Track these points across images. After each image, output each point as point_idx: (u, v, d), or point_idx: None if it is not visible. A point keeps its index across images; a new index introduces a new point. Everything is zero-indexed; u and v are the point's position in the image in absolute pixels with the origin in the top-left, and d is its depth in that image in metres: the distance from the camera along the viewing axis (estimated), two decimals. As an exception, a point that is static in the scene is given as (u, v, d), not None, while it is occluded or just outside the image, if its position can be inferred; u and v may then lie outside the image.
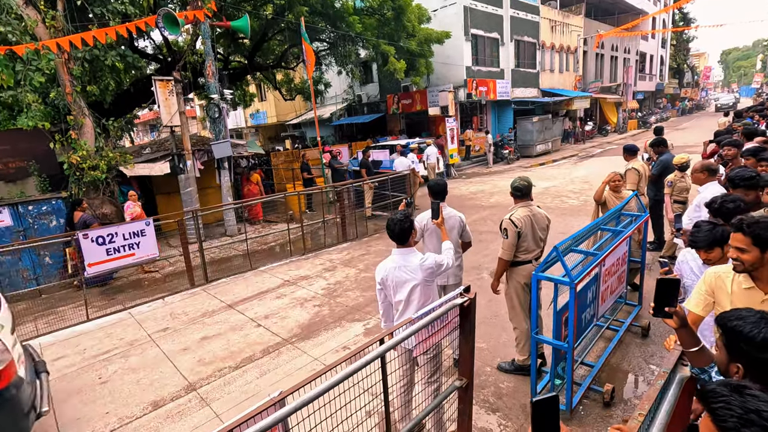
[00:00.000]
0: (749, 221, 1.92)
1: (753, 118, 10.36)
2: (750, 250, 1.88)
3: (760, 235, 1.85)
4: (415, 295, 2.78)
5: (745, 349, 1.26)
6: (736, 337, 1.29)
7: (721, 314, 1.38)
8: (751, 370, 1.26)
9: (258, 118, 28.64)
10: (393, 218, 2.80)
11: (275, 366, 4.18)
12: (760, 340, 1.23)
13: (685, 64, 45.56)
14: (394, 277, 2.80)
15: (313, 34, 13.41)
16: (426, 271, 2.77)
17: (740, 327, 1.28)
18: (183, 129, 9.23)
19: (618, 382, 3.51)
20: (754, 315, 1.31)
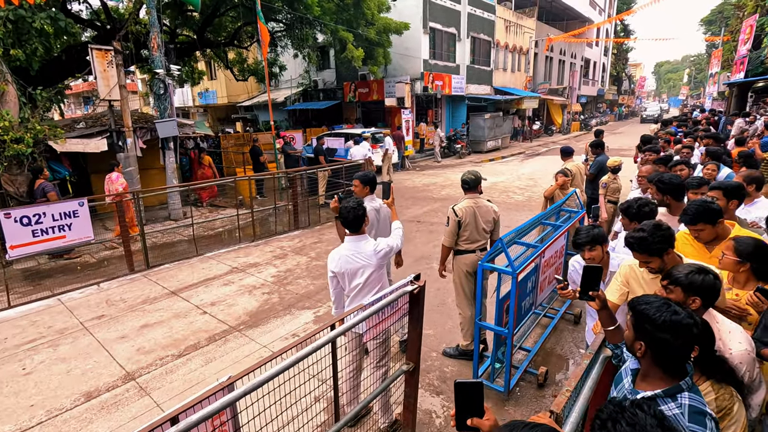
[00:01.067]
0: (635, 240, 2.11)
1: (678, 128, 11.39)
2: (652, 260, 2.11)
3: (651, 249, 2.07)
4: (370, 281, 2.84)
5: (648, 329, 1.41)
6: (642, 319, 1.44)
7: (633, 299, 1.54)
8: (651, 348, 1.42)
9: (207, 98, 27.24)
10: (346, 205, 2.82)
11: (222, 354, 4.09)
12: (661, 321, 1.38)
13: (623, 72, 48.95)
14: (348, 264, 2.83)
15: (269, 14, 12.92)
16: (379, 255, 2.83)
17: (646, 310, 1.43)
18: (123, 104, 8.59)
19: (551, 365, 3.80)
20: (658, 301, 1.46)
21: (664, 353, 1.40)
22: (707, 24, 42.07)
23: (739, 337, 1.76)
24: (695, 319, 1.40)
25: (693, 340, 1.38)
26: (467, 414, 1.30)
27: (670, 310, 1.40)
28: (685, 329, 1.36)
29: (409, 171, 16.07)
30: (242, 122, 23.96)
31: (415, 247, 6.94)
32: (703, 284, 1.75)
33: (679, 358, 1.41)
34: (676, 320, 1.37)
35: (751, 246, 2.12)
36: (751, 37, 17.58)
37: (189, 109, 29.04)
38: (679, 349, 1.38)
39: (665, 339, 1.38)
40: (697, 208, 2.46)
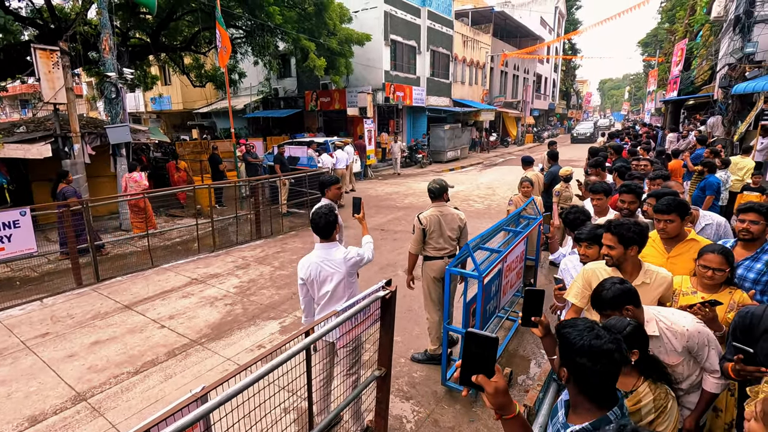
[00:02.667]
0: (616, 223, 2.31)
1: (621, 139, 12.24)
2: (616, 247, 2.28)
3: (623, 234, 2.25)
4: (339, 289, 2.83)
5: (569, 354, 1.31)
6: (563, 343, 1.34)
7: (560, 322, 1.44)
8: (573, 374, 1.32)
9: (161, 104, 26.14)
10: (318, 211, 2.82)
11: (182, 368, 3.92)
12: (579, 346, 1.28)
13: (571, 88, 52.00)
14: (318, 271, 2.82)
15: (229, 20, 12.68)
16: (349, 263, 2.84)
17: (568, 334, 1.33)
18: (70, 108, 8.10)
19: (515, 366, 3.93)
20: (584, 324, 1.35)
21: (585, 380, 1.29)
22: (644, 46, 45.66)
23: (685, 316, 1.94)
24: (618, 345, 1.29)
25: (614, 366, 1.27)
26: (474, 370, 1.18)
27: (592, 334, 1.30)
28: (604, 355, 1.25)
29: (372, 180, 16.16)
30: (199, 129, 23.17)
31: (381, 255, 6.98)
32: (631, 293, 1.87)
33: (602, 386, 1.29)
34: (595, 345, 1.26)
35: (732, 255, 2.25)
36: (682, 59, 19.26)
37: (141, 115, 27.69)
38: (599, 376, 1.26)
39: (584, 365, 1.27)
40: (671, 199, 2.60)
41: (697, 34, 19.15)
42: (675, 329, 1.91)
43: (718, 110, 12.72)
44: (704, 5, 17.39)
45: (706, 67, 16.39)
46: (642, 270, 2.31)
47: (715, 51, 15.02)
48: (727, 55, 11.78)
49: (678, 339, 1.90)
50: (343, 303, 2.55)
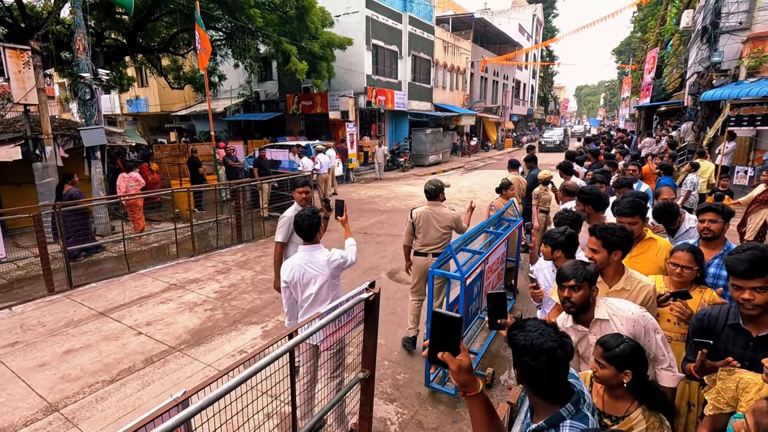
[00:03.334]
0: (601, 227, 2.32)
1: (597, 144, 12.58)
2: (600, 251, 2.28)
3: (608, 239, 2.26)
4: (323, 292, 2.82)
5: (516, 355, 1.33)
6: (512, 344, 1.36)
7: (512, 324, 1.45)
8: (521, 373, 1.33)
9: (137, 106, 25.54)
10: (301, 214, 2.81)
11: (161, 376, 3.82)
12: (521, 345, 1.30)
13: (549, 94, 53.21)
14: (302, 273, 2.80)
15: (208, 22, 12.52)
16: (333, 265, 2.83)
17: (515, 335, 1.34)
18: (42, 109, 7.84)
19: (497, 366, 3.98)
20: (532, 324, 1.35)
21: (531, 378, 1.31)
22: (618, 54, 47.19)
23: (630, 304, 2.01)
24: (561, 343, 1.29)
25: (557, 362, 1.27)
26: (441, 347, 1.23)
27: (536, 333, 1.30)
28: (544, 352, 1.26)
29: (354, 184, 16.15)
30: (177, 132, 22.73)
31: (364, 258, 6.97)
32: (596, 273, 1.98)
33: (550, 383, 1.30)
34: (536, 343, 1.27)
35: (702, 254, 2.33)
36: (654, 67, 19.98)
37: (116, 117, 27.02)
38: (542, 373, 1.27)
39: (527, 363, 1.28)
40: (632, 201, 2.71)
41: (667, 43, 19.91)
42: (621, 314, 1.96)
43: (688, 116, 13.22)
44: (674, 16, 18.11)
45: (677, 75, 17.03)
46: (624, 276, 2.29)
47: (684, 60, 15.63)
48: (696, 63, 12.28)
49: (624, 324, 1.93)
50: (327, 305, 2.55)
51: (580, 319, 2.04)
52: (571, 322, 2.07)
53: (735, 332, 1.84)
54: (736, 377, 1.63)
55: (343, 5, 17.85)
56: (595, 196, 3.50)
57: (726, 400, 1.62)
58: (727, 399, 1.62)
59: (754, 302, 1.70)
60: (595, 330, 1.99)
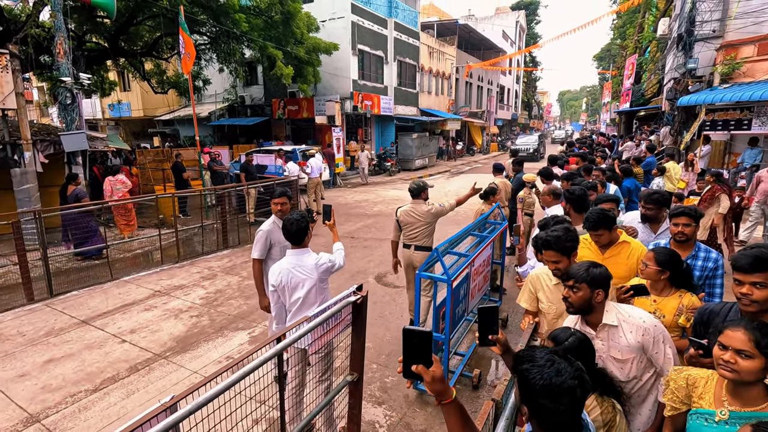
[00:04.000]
0: (552, 239, 2.33)
1: (579, 149, 12.85)
2: (560, 260, 2.33)
3: (565, 246, 2.30)
4: (311, 295, 2.83)
5: (529, 393, 1.22)
6: (522, 380, 1.24)
7: (518, 353, 1.37)
8: (533, 414, 1.24)
9: (119, 110, 25.12)
10: (289, 218, 2.83)
11: (146, 384, 3.77)
12: (540, 387, 1.19)
13: (533, 99, 54.11)
14: (290, 277, 2.81)
15: (193, 26, 12.42)
16: (321, 269, 2.85)
17: (527, 371, 1.24)
18: (20, 114, 7.68)
19: (483, 367, 4.04)
20: (543, 357, 1.26)
21: (547, 419, 1.21)
22: (599, 60, 48.30)
23: (644, 312, 1.99)
24: (581, 379, 1.22)
25: (577, 403, 1.20)
26: (414, 361, 1.25)
27: (552, 370, 1.21)
28: (567, 393, 1.18)
29: (341, 188, 16.15)
30: (161, 137, 22.43)
31: (351, 263, 6.98)
32: (602, 276, 1.92)
33: (565, 423, 1.22)
34: (556, 383, 1.18)
35: (668, 256, 2.34)
36: (633, 73, 20.51)
37: (98, 122, 26.53)
38: (562, 414, 1.20)
39: (545, 405, 1.19)
40: (598, 215, 2.81)
41: (645, 50, 20.48)
42: (632, 321, 1.93)
43: (666, 121, 13.61)
44: (651, 24, 18.66)
45: (654, 81, 17.53)
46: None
47: (661, 66, 16.10)
48: (672, 70, 12.67)
49: (634, 332, 1.91)
50: (315, 309, 2.56)
51: (589, 321, 2.01)
52: (581, 323, 2.04)
53: None
54: (685, 374, 1.67)
55: (328, 11, 17.93)
56: (577, 197, 3.59)
57: (681, 398, 1.66)
58: (681, 397, 1.66)
59: (752, 297, 1.72)
60: (602, 335, 1.97)
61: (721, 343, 1.50)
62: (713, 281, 2.64)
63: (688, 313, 2.24)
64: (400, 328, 4.65)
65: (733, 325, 1.51)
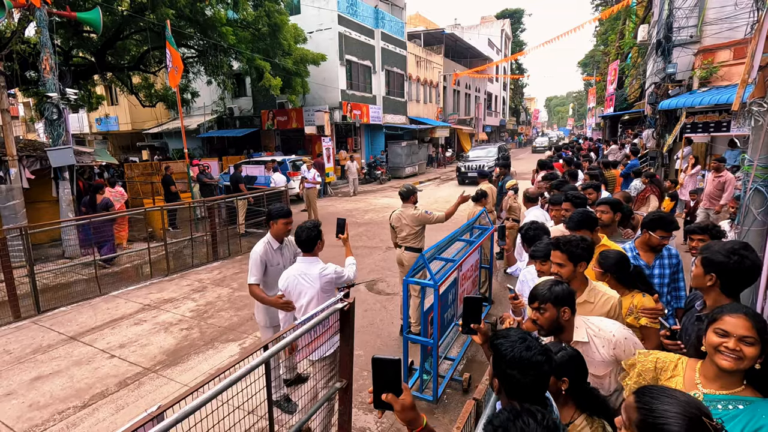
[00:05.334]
0: (564, 240, 2.27)
1: (566, 152, 13.06)
2: (566, 264, 2.23)
3: (573, 252, 2.22)
4: (312, 305, 2.85)
5: (500, 365, 1.33)
6: (495, 353, 1.36)
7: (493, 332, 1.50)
8: (503, 384, 1.34)
9: (107, 124, 25.00)
10: (302, 225, 2.86)
11: (136, 398, 3.74)
12: (510, 357, 1.30)
13: (520, 105, 54.87)
14: (295, 284, 2.86)
15: (180, 39, 12.48)
16: (324, 280, 2.85)
17: (500, 345, 1.35)
18: (6, 130, 7.64)
19: (474, 371, 4.07)
20: (516, 334, 1.37)
21: (515, 391, 1.32)
22: (583, 66, 49.22)
23: (613, 323, 1.95)
24: (548, 356, 1.33)
25: (543, 377, 1.31)
26: (384, 390, 1.28)
27: (523, 346, 1.32)
28: (534, 366, 1.29)
29: (332, 197, 16.18)
30: (149, 150, 22.33)
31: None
32: (564, 293, 1.86)
33: (532, 396, 1.31)
34: (525, 357, 1.29)
35: (612, 259, 2.38)
36: (616, 78, 20.95)
37: (85, 137, 26.34)
38: (529, 387, 1.30)
39: (513, 376, 1.30)
40: (580, 216, 2.87)
41: (627, 56, 20.95)
42: (602, 335, 1.89)
43: (648, 124, 13.91)
44: (631, 30, 19.12)
45: (636, 86, 17.92)
46: (587, 288, 2.26)
47: (643, 71, 16.48)
48: (653, 74, 12.99)
49: (605, 346, 1.87)
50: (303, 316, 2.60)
51: (562, 340, 1.92)
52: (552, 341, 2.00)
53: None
54: (653, 357, 1.67)
55: (315, 22, 18.12)
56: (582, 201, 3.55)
57: (647, 381, 1.64)
58: (648, 380, 1.64)
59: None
60: None
61: (721, 330, 1.44)
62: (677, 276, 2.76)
63: (638, 312, 2.29)
64: (391, 335, 4.72)
65: (731, 312, 1.46)
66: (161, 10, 10.34)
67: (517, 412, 1.06)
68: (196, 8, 11.60)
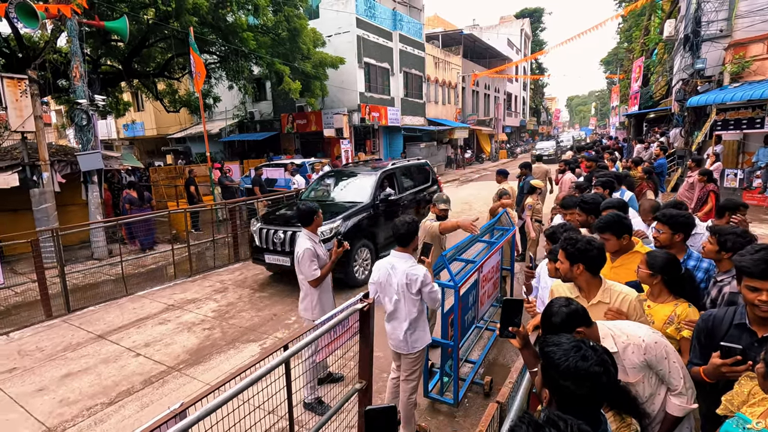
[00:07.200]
0: (566, 237, 2.23)
1: (589, 152, 12.76)
2: (563, 262, 2.19)
3: (567, 250, 2.15)
4: (400, 305, 2.87)
5: (552, 375, 1.23)
6: (547, 362, 1.26)
7: (543, 338, 1.36)
8: (556, 396, 1.24)
9: (133, 130, 25.79)
10: (402, 219, 2.88)
11: (160, 396, 3.82)
12: (564, 368, 1.20)
13: (541, 105, 54.02)
14: (385, 277, 2.89)
15: (202, 46, 12.78)
16: (410, 277, 2.79)
17: (552, 353, 1.25)
18: (39, 136, 7.95)
19: (495, 374, 3.99)
20: (569, 342, 1.27)
21: (567, 404, 1.21)
22: (606, 64, 48.14)
23: (640, 327, 1.81)
24: (606, 367, 1.21)
25: (602, 390, 1.20)
26: (509, 325, 1.66)
27: (578, 355, 1.21)
28: (590, 378, 1.18)
29: (351, 199, 16.23)
30: (173, 154, 22.91)
31: (360, 273, 6.99)
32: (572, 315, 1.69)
33: (586, 410, 1.20)
34: (581, 367, 1.19)
35: (662, 260, 2.22)
36: (641, 75, 20.38)
37: (113, 142, 27.25)
38: (584, 399, 1.19)
39: (567, 387, 1.19)
40: (608, 218, 2.68)
41: (652, 52, 20.36)
42: (632, 341, 1.77)
43: (676, 122, 13.46)
44: (657, 26, 18.57)
45: (663, 83, 17.38)
46: (601, 288, 2.15)
47: (669, 68, 15.98)
48: (681, 71, 12.57)
49: (635, 352, 1.75)
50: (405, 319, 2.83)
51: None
52: None
53: (740, 332, 1.80)
54: (752, 384, 1.58)
55: (334, 26, 18.26)
56: (596, 205, 3.42)
57: (737, 405, 1.59)
58: (738, 404, 1.59)
59: None
60: None
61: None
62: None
63: (680, 323, 2.12)
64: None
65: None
66: (185, 18, 10.60)
67: (537, 424, 1.00)
68: (218, 15, 11.86)
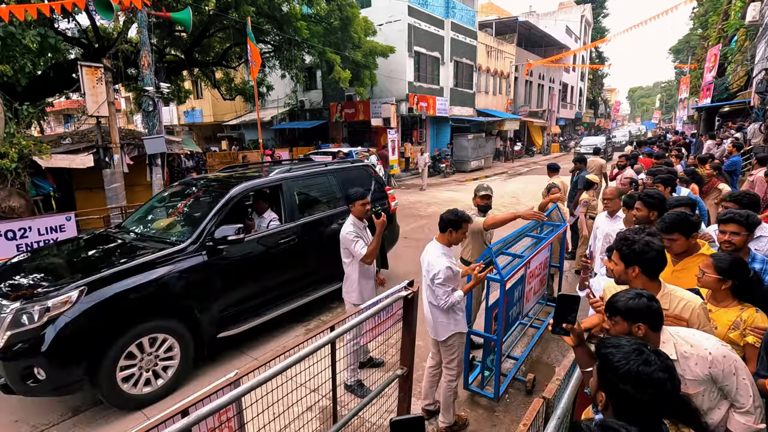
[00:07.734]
0: (623, 237, 2.12)
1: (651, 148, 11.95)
2: (618, 263, 2.10)
3: (622, 251, 2.06)
4: (428, 291, 3.04)
5: (610, 379, 1.18)
6: (605, 365, 1.21)
7: (601, 339, 1.32)
8: (613, 400, 1.18)
9: (193, 116, 27.26)
10: (453, 209, 3.02)
11: (212, 364, 4.07)
12: (623, 372, 1.14)
13: (599, 97, 51.06)
14: (423, 259, 3.06)
15: (258, 35, 13.22)
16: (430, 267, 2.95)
17: (611, 355, 1.19)
18: (111, 120, 8.61)
19: (538, 372, 3.90)
20: (629, 345, 1.21)
21: (627, 410, 1.15)
22: (675, 53, 44.52)
23: (708, 338, 1.68)
24: (671, 374, 1.14)
25: (666, 398, 1.12)
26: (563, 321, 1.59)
27: (640, 359, 1.15)
28: (654, 384, 1.11)
29: (395, 189, 16.28)
30: (228, 141, 23.99)
31: (404, 263, 7.04)
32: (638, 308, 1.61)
33: (647, 420, 1.13)
34: (643, 372, 1.12)
35: (730, 263, 2.07)
36: (716, 65, 18.70)
37: (174, 128, 28.95)
38: (644, 406, 1.12)
39: (627, 392, 1.13)
40: (675, 217, 2.49)
41: (731, 39, 18.56)
42: (695, 352, 1.63)
43: (755, 117, 12.26)
44: (738, 10, 16.89)
45: (742, 73, 15.85)
46: (659, 293, 2.00)
47: (750, 56, 14.52)
48: (764, 60, 11.39)
49: (700, 364, 1.62)
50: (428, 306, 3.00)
51: None
52: None
53: None
54: None
55: (385, 14, 18.19)
56: (661, 201, 3.19)
57: None
58: None
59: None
60: None
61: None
62: None
63: (745, 329, 1.96)
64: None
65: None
66: (243, 8, 10.99)
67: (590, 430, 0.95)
68: (274, 5, 12.19)
